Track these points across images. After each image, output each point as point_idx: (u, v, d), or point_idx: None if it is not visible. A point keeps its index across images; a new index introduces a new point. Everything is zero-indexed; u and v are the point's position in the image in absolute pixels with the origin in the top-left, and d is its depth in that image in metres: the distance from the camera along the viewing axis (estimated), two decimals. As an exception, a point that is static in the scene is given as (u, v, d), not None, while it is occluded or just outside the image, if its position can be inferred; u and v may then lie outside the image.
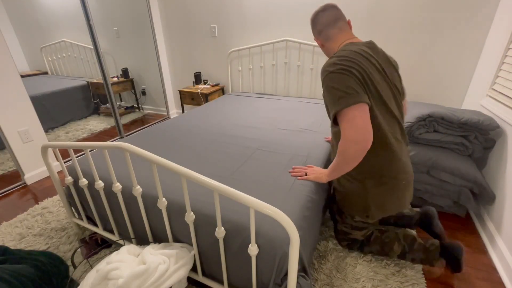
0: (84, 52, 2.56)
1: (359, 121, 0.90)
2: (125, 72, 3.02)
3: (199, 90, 2.80)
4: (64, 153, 2.37)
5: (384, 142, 1.04)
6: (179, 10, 2.92)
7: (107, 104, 2.76)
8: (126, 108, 3.22)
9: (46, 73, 2.41)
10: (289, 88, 2.74)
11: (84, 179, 1.28)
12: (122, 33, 2.90)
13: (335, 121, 1.01)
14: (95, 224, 1.43)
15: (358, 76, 0.93)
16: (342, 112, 0.92)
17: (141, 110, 3.39)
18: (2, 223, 1.66)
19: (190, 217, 0.98)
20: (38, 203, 1.83)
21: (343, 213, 1.31)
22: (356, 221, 1.28)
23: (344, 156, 0.97)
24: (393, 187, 1.11)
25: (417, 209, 1.42)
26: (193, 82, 3.02)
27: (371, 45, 1.06)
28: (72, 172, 1.35)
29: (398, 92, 1.08)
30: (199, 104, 2.84)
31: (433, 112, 1.53)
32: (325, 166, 1.40)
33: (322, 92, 1.06)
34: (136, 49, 3.07)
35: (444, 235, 1.30)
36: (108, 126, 2.89)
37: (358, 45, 1.03)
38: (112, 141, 1.50)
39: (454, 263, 1.22)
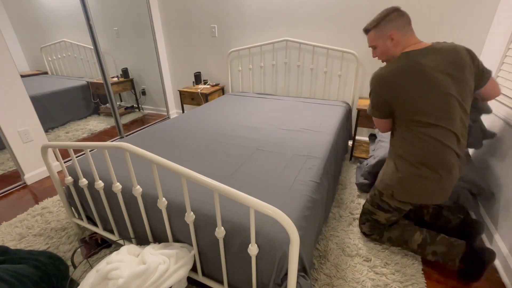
0: (84, 52, 2.56)
1: (376, 122, 1.32)
2: (125, 72, 3.02)
3: (199, 90, 2.80)
4: (64, 153, 2.37)
5: (418, 136, 1.14)
6: (179, 10, 2.92)
7: (107, 104, 2.76)
8: (126, 108, 3.23)
9: (46, 73, 2.41)
10: (289, 88, 2.74)
11: (84, 179, 1.28)
12: (122, 33, 2.90)
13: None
14: (95, 224, 1.43)
15: (383, 96, 1.18)
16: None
17: (141, 110, 3.39)
18: (2, 223, 1.66)
19: (190, 217, 0.98)
20: (38, 203, 1.83)
21: (374, 189, 1.35)
22: (383, 201, 1.30)
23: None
24: (422, 174, 1.15)
25: (460, 215, 1.40)
26: (193, 82, 3.02)
27: (427, 52, 1.11)
28: (72, 172, 1.35)
29: (453, 98, 1.09)
30: (199, 104, 2.84)
31: None
32: (325, 166, 1.40)
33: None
34: (136, 49, 3.07)
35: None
36: (108, 126, 2.89)
37: (411, 56, 1.11)
38: (112, 141, 1.50)
39: (475, 269, 1.17)
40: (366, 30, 1.26)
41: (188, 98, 2.91)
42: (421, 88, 1.08)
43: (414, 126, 1.14)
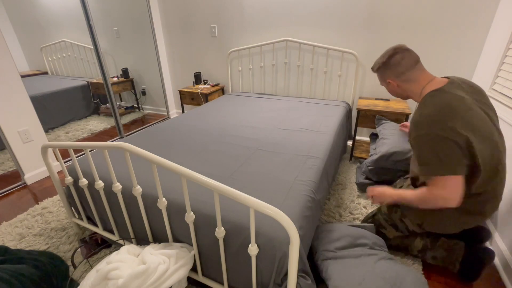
0: (84, 52, 2.56)
1: (445, 187, 0.97)
2: (125, 72, 3.02)
3: (199, 90, 2.80)
4: (64, 153, 2.37)
5: (480, 188, 1.02)
6: (179, 10, 2.92)
7: (107, 104, 2.76)
8: (126, 108, 3.22)
9: (46, 73, 2.41)
10: (289, 88, 2.74)
11: (84, 179, 1.28)
12: (122, 33, 2.90)
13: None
14: (95, 224, 1.43)
15: (457, 134, 0.92)
16: (436, 177, 0.98)
17: (141, 110, 3.39)
18: (2, 223, 1.66)
19: (190, 217, 0.98)
20: (38, 203, 1.83)
21: (397, 207, 1.27)
22: (402, 222, 1.25)
23: (424, 203, 1.04)
24: (473, 219, 1.10)
25: None
26: (193, 82, 3.02)
27: (455, 86, 1.03)
28: (72, 172, 1.35)
29: (494, 128, 1.02)
30: (199, 104, 2.84)
31: None
32: (325, 166, 1.40)
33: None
34: (136, 49, 3.07)
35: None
36: (108, 126, 2.89)
37: (447, 92, 1.00)
38: (112, 141, 1.50)
39: (474, 269, 1.16)
40: (372, 70, 1.23)
41: (188, 98, 2.91)
42: (478, 122, 0.96)
43: (479, 171, 0.97)
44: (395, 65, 1.11)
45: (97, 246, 1.44)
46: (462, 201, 1.00)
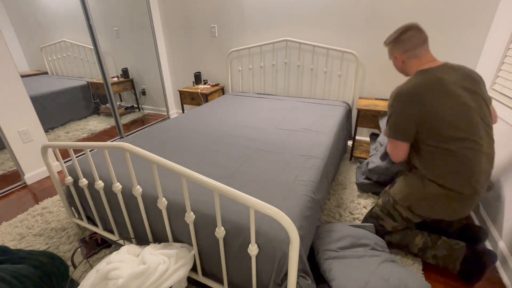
0: (84, 52, 2.56)
1: (394, 149, 1.24)
2: (125, 72, 3.02)
3: (199, 90, 2.80)
4: (64, 153, 2.38)
5: (453, 155, 1.09)
6: (179, 10, 2.92)
7: (107, 104, 2.76)
8: (126, 108, 3.22)
9: (46, 73, 2.41)
10: (289, 88, 2.74)
11: (84, 179, 1.28)
12: (122, 33, 2.90)
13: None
14: (95, 224, 1.43)
15: (409, 113, 1.11)
16: (389, 138, 1.24)
17: (141, 110, 3.39)
18: (2, 223, 1.66)
19: (190, 217, 0.98)
20: (38, 203, 1.83)
21: (388, 196, 1.32)
22: (395, 209, 1.28)
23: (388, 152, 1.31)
24: (452, 196, 1.12)
25: (463, 220, 1.38)
26: (193, 82, 3.02)
27: (444, 68, 1.14)
28: (72, 172, 1.35)
29: (474, 111, 1.09)
30: (199, 104, 2.84)
31: None
32: (325, 166, 1.40)
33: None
34: (136, 49, 3.07)
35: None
36: (108, 126, 2.89)
37: (430, 72, 1.13)
38: (112, 141, 1.50)
39: (475, 271, 1.17)
40: (385, 44, 1.33)
41: (188, 98, 2.91)
42: (446, 102, 1.07)
43: (444, 144, 1.08)
44: (405, 42, 1.22)
45: (97, 246, 1.44)
46: (438, 178, 1.13)
